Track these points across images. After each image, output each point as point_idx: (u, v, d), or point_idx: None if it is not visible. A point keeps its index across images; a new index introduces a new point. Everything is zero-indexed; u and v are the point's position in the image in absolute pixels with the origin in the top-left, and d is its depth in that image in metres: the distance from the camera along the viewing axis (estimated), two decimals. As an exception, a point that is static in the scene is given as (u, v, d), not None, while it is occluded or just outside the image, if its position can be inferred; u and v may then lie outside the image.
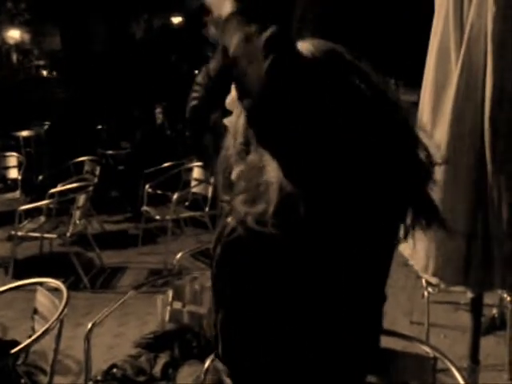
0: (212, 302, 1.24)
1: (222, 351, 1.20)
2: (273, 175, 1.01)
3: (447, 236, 1.18)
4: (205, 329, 1.83)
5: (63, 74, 12.41)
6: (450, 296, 3.45)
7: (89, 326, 1.95)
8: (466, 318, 2.17)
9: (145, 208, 5.11)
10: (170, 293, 2.15)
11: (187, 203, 5.30)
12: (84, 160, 5.99)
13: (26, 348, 2.04)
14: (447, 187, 1.73)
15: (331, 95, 0.94)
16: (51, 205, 4.62)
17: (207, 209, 5.00)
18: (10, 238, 4.70)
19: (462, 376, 1.50)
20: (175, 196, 4.82)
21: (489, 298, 3.06)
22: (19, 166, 6.09)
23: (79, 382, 2.87)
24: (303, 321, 1.10)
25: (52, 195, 4.56)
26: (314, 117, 0.90)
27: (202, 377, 1.32)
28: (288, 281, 1.08)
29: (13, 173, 6.14)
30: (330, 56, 1.07)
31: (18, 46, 14.14)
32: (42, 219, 4.69)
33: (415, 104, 1.82)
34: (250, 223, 1.05)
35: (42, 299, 2.17)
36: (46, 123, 8.48)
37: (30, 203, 5.06)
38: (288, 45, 0.95)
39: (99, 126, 8.24)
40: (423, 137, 1.10)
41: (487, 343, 2.97)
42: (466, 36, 1.75)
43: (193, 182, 5.36)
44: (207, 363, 1.32)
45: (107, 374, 1.75)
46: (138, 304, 3.46)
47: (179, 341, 1.75)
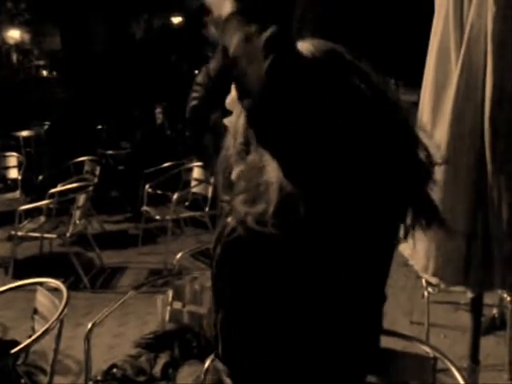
0: (212, 302, 1.23)
1: (222, 351, 1.20)
2: (272, 175, 1.01)
3: (447, 236, 1.18)
4: (205, 329, 1.83)
5: (63, 74, 12.40)
6: (450, 296, 3.45)
7: (89, 326, 1.95)
8: (466, 318, 2.17)
9: (145, 208, 5.11)
10: (170, 293, 2.15)
11: (187, 203, 5.30)
12: (84, 160, 5.99)
13: (26, 348, 2.04)
14: (447, 187, 1.73)
15: (331, 95, 0.94)
16: (51, 205, 4.62)
17: (207, 209, 5.00)
18: (10, 238, 4.70)
19: (462, 376, 1.50)
20: (175, 196, 4.82)
21: (489, 298, 3.06)
22: (19, 166, 6.09)
23: (79, 382, 2.87)
24: (303, 321, 1.10)
25: (52, 195, 4.56)
26: (314, 117, 0.90)
27: (202, 377, 1.32)
28: (288, 280, 1.08)
29: (13, 173, 6.14)
30: (330, 56, 1.07)
31: (18, 46, 14.13)
32: (42, 219, 4.69)
33: (415, 104, 1.82)
34: (250, 223, 1.05)
35: (42, 299, 2.17)
36: (46, 123, 8.48)
37: (30, 203, 5.06)
38: (288, 45, 0.95)
39: (99, 126, 8.24)
40: (423, 137, 1.10)
41: (487, 343, 2.97)
42: (466, 36, 1.75)
43: (193, 182, 5.36)
44: (207, 363, 1.32)
45: (107, 374, 1.75)
46: (138, 304, 3.46)
47: (179, 341, 1.75)
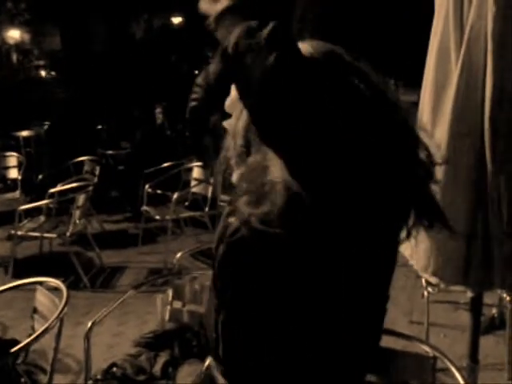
0: (212, 303, 1.23)
1: (223, 352, 1.20)
2: (277, 175, 1.00)
3: (447, 236, 1.18)
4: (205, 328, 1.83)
5: (63, 74, 12.40)
6: (450, 296, 3.46)
7: (88, 325, 1.95)
8: (466, 318, 2.17)
9: (145, 208, 5.11)
10: (170, 292, 2.15)
11: (187, 203, 5.31)
12: (84, 160, 5.99)
13: (26, 347, 2.04)
14: (447, 187, 1.73)
15: (330, 96, 0.94)
16: (51, 204, 4.63)
17: (207, 209, 5.00)
18: (10, 238, 4.71)
19: (462, 375, 1.50)
20: (175, 196, 4.82)
21: (488, 298, 3.06)
22: (19, 166, 6.09)
23: (79, 381, 2.87)
24: (306, 320, 1.10)
25: (52, 195, 4.57)
26: (314, 117, 0.90)
27: (202, 376, 1.32)
28: (291, 280, 1.08)
29: (13, 173, 6.14)
30: (329, 57, 1.07)
31: (18, 46, 14.10)
32: (42, 219, 4.70)
33: (415, 104, 1.82)
34: (255, 224, 1.04)
35: (42, 298, 2.17)
36: (46, 123, 8.48)
37: (30, 203, 5.06)
38: (289, 40, 0.94)
39: (99, 126, 8.23)
40: (423, 137, 1.10)
41: (487, 343, 2.97)
42: (466, 36, 1.75)
43: (193, 182, 5.36)
44: (207, 362, 1.32)
45: (107, 373, 1.74)
46: (138, 303, 3.46)
47: (179, 340, 1.74)
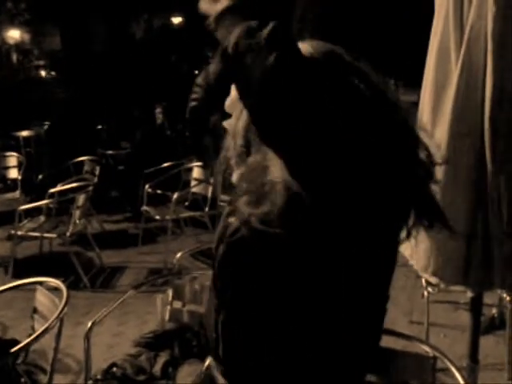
0: (212, 303, 1.23)
1: (223, 352, 1.20)
2: (277, 175, 1.00)
3: (447, 236, 1.18)
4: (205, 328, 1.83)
5: (63, 74, 12.40)
6: (450, 295, 3.46)
7: (88, 325, 1.95)
8: (466, 318, 2.17)
9: (145, 208, 5.11)
10: (170, 292, 2.14)
11: (187, 203, 5.31)
12: (84, 160, 5.99)
13: (26, 347, 2.04)
14: (447, 187, 1.73)
15: (330, 96, 0.94)
16: (51, 204, 4.63)
17: (207, 209, 5.00)
18: (10, 238, 4.71)
19: (462, 375, 1.50)
20: (175, 196, 4.82)
21: (488, 298, 3.06)
22: (19, 166, 6.10)
23: (79, 381, 2.87)
24: (306, 320, 1.10)
25: (52, 195, 4.57)
26: (314, 117, 0.90)
27: (202, 376, 1.32)
28: (291, 281, 1.08)
29: (13, 173, 6.14)
30: (329, 57, 1.07)
31: (18, 46, 14.10)
32: (42, 219, 4.70)
33: (415, 104, 1.82)
34: (255, 224, 1.03)
35: (42, 298, 2.17)
36: (46, 123, 8.48)
37: (30, 203, 5.06)
38: (289, 40, 0.94)
39: (99, 126, 8.23)
40: (423, 137, 1.10)
41: (487, 343, 2.97)
42: (466, 36, 1.75)
43: (193, 182, 5.36)
44: (207, 362, 1.32)
45: (107, 373, 1.74)
46: (138, 303, 3.46)
47: (179, 340, 1.74)
